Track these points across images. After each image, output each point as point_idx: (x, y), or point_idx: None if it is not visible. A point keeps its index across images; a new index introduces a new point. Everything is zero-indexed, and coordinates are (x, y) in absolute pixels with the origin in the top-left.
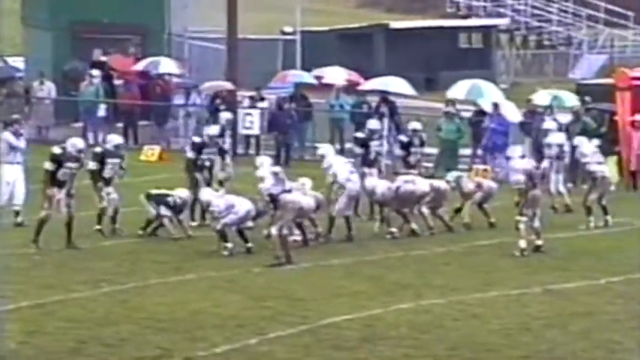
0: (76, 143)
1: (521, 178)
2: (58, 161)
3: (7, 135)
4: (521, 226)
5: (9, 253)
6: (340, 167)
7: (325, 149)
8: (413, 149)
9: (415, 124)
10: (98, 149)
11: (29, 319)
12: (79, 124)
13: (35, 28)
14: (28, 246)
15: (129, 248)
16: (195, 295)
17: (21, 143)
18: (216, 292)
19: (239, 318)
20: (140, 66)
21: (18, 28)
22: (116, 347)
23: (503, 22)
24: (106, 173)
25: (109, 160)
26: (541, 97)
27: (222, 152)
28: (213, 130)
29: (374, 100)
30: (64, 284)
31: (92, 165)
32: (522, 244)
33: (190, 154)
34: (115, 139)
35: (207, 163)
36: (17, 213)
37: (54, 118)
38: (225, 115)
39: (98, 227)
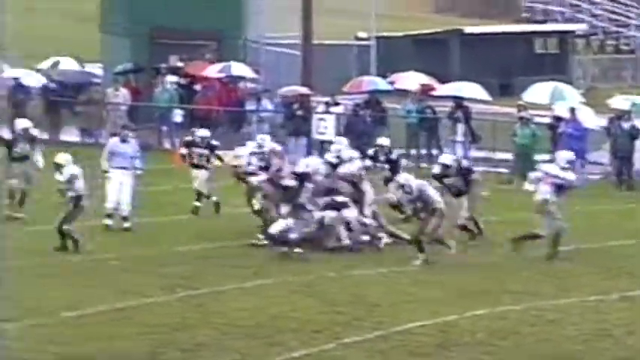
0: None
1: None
2: None
3: (114, 140)
4: None
5: (90, 259)
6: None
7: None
8: (378, 164)
9: (383, 140)
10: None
11: (106, 324)
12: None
13: (113, 35)
14: (107, 251)
15: (203, 253)
16: (272, 300)
17: (127, 149)
18: (292, 297)
19: (315, 323)
20: (213, 70)
21: (96, 34)
22: (193, 352)
23: (580, 27)
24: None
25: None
26: (618, 103)
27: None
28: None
29: (446, 105)
30: (140, 289)
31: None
32: None
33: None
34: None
35: None
36: (125, 218)
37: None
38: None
39: None
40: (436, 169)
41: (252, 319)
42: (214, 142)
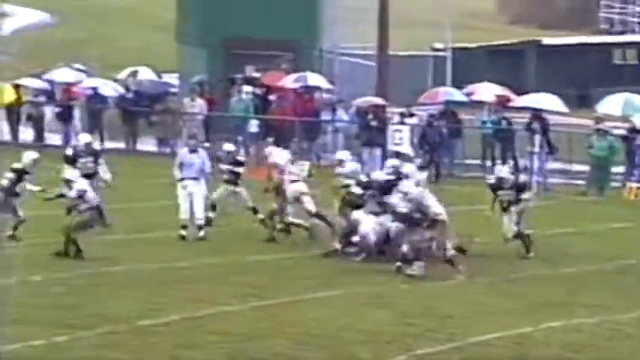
0: None
1: None
2: None
3: (183, 151)
4: None
5: (159, 266)
6: None
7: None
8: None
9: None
10: None
11: (180, 332)
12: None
13: (189, 45)
14: (180, 259)
15: (277, 264)
16: (344, 311)
17: (195, 159)
18: (363, 308)
19: (386, 334)
20: (289, 81)
21: (172, 44)
22: None
23: None
24: None
25: None
26: None
27: None
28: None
29: (523, 117)
30: (214, 298)
31: None
32: None
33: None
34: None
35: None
36: (200, 227)
37: (205, 134)
38: None
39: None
40: (491, 180)
41: (324, 330)
42: (240, 158)
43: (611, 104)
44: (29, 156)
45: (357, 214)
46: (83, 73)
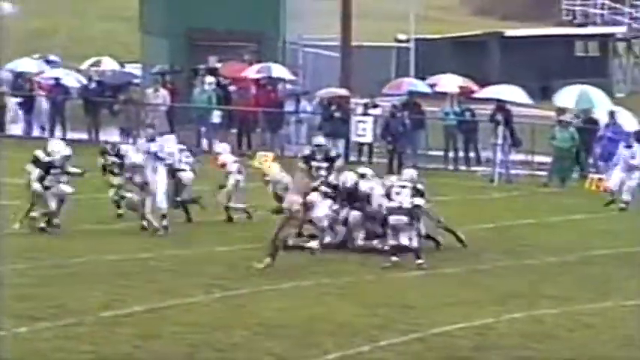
0: None
1: None
2: None
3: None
4: None
5: (123, 258)
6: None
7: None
8: (314, 163)
9: (319, 139)
10: None
11: (143, 323)
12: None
13: (152, 35)
14: (144, 250)
15: (242, 254)
16: (308, 302)
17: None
18: (328, 299)
19: (351, 325)
20: (252, 72)
21: (136, 35)
22: (229, 352)
23: (620, 30)
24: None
25: None
26: None
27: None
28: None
29: (486, 108)
30: (178, 289)
31: None
32: None
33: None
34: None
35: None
36: (163, 216)
37: (168, 125)
38: None
39: None
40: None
41: (288, 321)
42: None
43: (567, 97)
44: (60, 152)
45: (313, 197)
46: (52, 63)
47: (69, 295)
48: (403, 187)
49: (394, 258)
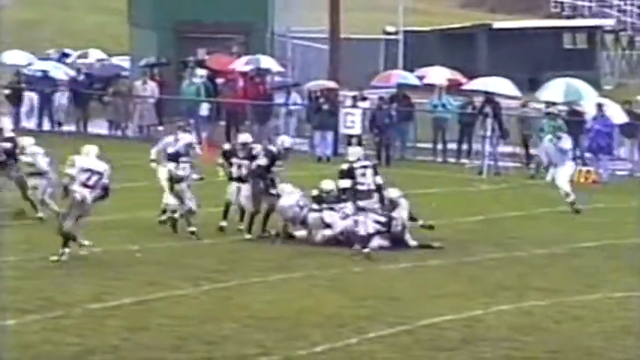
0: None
1: None
2: None
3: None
4: None
5: (112, 250)
6: None
7: None
8: (235, 160)
9: (245, 137)
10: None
11: (131, 315)
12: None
13: (140, 28)
14: (132, 243)
15: (230, 247)
16: (296, 294)
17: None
18: (317, 291)
19: (339, 317)
20: (240, 64)
21: (124, 27)
22: (217, 344)
23: (608, 22)
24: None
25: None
26: None
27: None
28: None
29: (479, 100)
30: (166, 281)
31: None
32: None
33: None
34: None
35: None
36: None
37: (157, 117)
38: None
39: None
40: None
41: (276, 313)
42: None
43: (553, 91)
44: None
45: (283, 186)
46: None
47: (57, 288)
48: (365, 166)
49: (365, 250)
